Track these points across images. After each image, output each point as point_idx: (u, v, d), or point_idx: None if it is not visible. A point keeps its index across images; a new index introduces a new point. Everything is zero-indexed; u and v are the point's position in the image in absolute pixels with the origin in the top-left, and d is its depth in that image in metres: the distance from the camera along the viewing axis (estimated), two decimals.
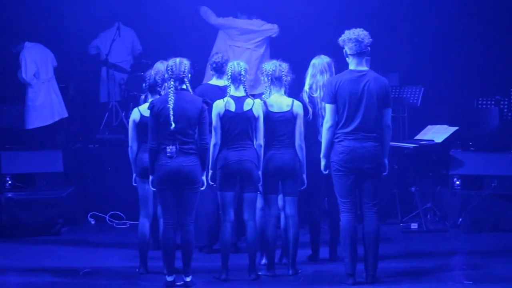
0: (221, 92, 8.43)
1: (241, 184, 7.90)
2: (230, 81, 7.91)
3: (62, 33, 12.26)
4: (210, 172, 7.87)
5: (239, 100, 7.84)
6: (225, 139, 7.82)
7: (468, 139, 10.93)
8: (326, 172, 7.80)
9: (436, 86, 11.99)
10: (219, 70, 8.88)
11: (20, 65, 11.29)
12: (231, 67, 7.93)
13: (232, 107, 7.81)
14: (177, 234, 7.63)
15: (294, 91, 8.29)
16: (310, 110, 8.37)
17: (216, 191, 7.94)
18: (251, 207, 7.92)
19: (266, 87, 8.06)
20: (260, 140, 7.88)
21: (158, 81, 8.12)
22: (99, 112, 12.52)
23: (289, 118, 7.95)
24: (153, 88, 8.18)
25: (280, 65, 8.06)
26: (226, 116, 7.79)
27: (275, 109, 7.96)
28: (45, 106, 11.43)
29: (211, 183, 7.88)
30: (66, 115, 11.70)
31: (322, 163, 7.77)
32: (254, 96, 8.24)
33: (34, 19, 11.99)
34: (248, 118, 7.81)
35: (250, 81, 9.82)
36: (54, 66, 11.68)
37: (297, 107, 8.01)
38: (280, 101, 7.99)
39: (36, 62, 11.37)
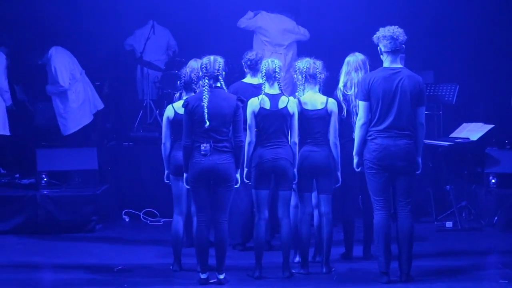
0: (255, 90, 8.45)
1: (276, 182, 7.89)
2: (264, 78, 7.91)
3: (96, 32, 12.31)
4: (245, 170, 7.87)
5: (274, 98, 7.84)
6: (260, 137, 7.82)
7: (504, 137, 10.86)
8: (359, 169, 7.78)
9: (472, 83, 11.91)
10: (253, 68, 8.87)
11: (53, 75, 11.24)
12: (265, 65, 7.92)
13: (267, 105, 7.80)
14: (211, 231, 7.65)
15: (328, 89, 8.27)
16: (344, 107, 8.34)
17: (251, 189, 7.95)
18: (285, 205, 7.92)
19: (300, 84, 8.05)
20: (295, 137, 7.86)
21: (194, 78, 8.12)
22: (134, 110, 12.58)
23: (323, 115, 7.93)
24: (188, 86, 8.19)
25: (314, 63, 8.05)
26: (261, 114, 7.79)
27: (309, 107, 7.95)
28: (85, 103, 11.49)
29: (246, 181, 7.89)
30: (102, 106, 11.73)
31: (355, 160, 7.75)
32: None
33: (66, 18, 12.06)
34: (283, 115, 7.80)
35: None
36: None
37: (332, 104, 7.99)
38: (315, 99, 7.98)
39: (68, 64, 11.35)
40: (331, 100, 8.03)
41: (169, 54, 12.99)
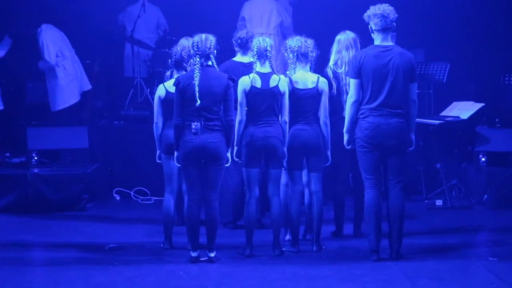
0: (246, 68, 8.44)
1: (266, 161, 7.90)
2: (256, 57, 7.89)
3: (87, 9, 12.26)
4: (235, 148, 7.87)
5: (265, 77, 7.83)
6: (250, 115, 7.81)
7: (494, 116, 10.89)
8: (349, 147, 7.79)
9: (462, 62, 11.92)
10: (244, 47, 8.84)
11: (41, 50, 11.25)
12: (256, 43, 7.90)
13: (258, 84, 7.80)
14: (202, 210, 7.66)
15: (318, 67, 8.25)
16: (334, 85, 8.33)
17: (241, 168, 7.96)
18: (275, 183, 7.93)
19: (291, 63, 8.03)
20: (285, 116, 7.86)
21: (185, 57, 8.12)
22: (124, 88, 12.55)
23: (314, 94, 7.93)
24: (179, 64, 8.18)
25: (305, 41, 8.03)
26: (252, 93, 7.78)
27: (300, 86, 7.94)
28: (74, 81, 11.44)
29: (236, 159, 7.89)
30: (90, 87, 11.69)
31: (345, 138, 7.76)
32: None
33: None
34: (274, 94, 7.80)
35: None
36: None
37: (322, 83, 7.98)
38: (306, 78, 7.97)
39: (57, 41, 11.33)
40: (322, 79, 8.02)
41: (159, 33, 12.94)
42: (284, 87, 7.83)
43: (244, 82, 7.81)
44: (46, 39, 11.17)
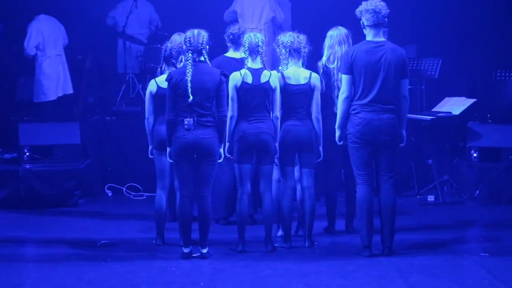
0: (238, 64, 8.43)
1: (258, 156, 7.90)
2: (247, 53, 7.88)
3: (79, 4, 12.24)
4: (227, 144, 7.87)
5: (256, 72, 7.82)
6: (242, 111, 7.81)
7: (486, 111, 10.90)
8: (341, 143, 7.80)
9: (454, 58, 11.93)
10: (236, 42, 8.84)
11: (25, 34, 11.29)
12: (248, 39, 7.89)
13: (249, 79, 7.79)
14: (194, 206, 7.66)
15: (310, 63, 8.25)
16: (323, 81, 8.29)
17: (233, 163, 7.96)
18: (267, 179, 7.93)
19: (283, 59, 8.03)
20: (277, 112, 7.86)
21: (173, 53, 8.12)
22: (116, 84, 12.53)
23: (306, 90, 7.93)
24: (168, 60, 8.18)
25: (298, 37, 8.02)
26: (243, 88, 7.78)
27: (292, 81, 7.93)
28: (52, 80, 11.43)
29: (228, 155, 7.89)
30: (71, 91, 11.67)
31: (337, 134, 7.76)
32: None
33: None
34: (265, 90, 7.80)
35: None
36: (65, 45, 11.62)
37: (315, 79, 7.98)
38: (298, 73, 7.97)
39: (43, 35, 11.33)
40: (314, 75, 8.02)
41: (151, 28, 12.92)
42: (275, 82, 7.83)
43: (235, 78, 7.80)
44: (33, 28, 11.25)
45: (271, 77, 7.82)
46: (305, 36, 8.07)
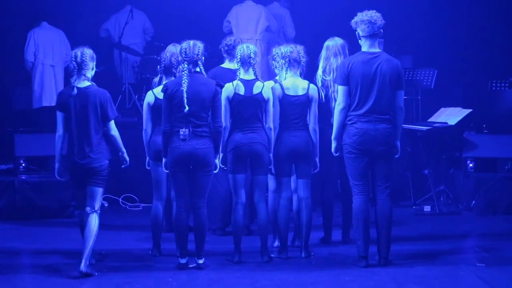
0: (233, 75, 8.42)
1: (252, 167, 7.90)
2: (239, 64, 7.89)
3: (74, 16, 12.27)
4: (221, 155, 7.87)
5: (248, 84, 7.83)
6: (235, 122, 7.81)
7: (482, 122, 10.92)
8: (337, 154, 7.80)
9: (450, 68, 11.96)
10: (231, 53, 8.85)
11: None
12: (240, 50, 7.90)
13: (242, 91, 7.80)
14: (190, 216, 7.66)
15: (306, 73, 8.25)
16: (322, 93, 8.33)
17: (228, 174, 7.96)
18: (261, 190, 7.93)
19: (281, 69, 8.02)
20: (270, 123, 7.86)
21: (174, 63, 8.13)
22: (112, 95, 12.47)
23: (304, 101, 7.93)
24: (169, 70, 8.19)
25: (296, 47, 8.04)
26: (235, 100, 7.79)
27: (291, 92, 7.94)
28: (45, 89, 11.47)
29: (222, 166, 7.88)
30: (53, 103, 11.67)
31: (333, 145, 7.76)
32: None
33: (48, 2, 12.01)
34: (258, 101, 7.80)
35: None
36: (66, 60, 11.61)
37: (313, 90, 7.99)
38: (296, 84, 7.97)
39: (43, 43, 11.36)
40: (312, 86, 8.03)
41: (146, 38, 12.93)
42: (268, 94, 7.84)
43: (228, 89, 7.81)
44: (31, 34, 11.38)
45: (264, 88, 7.83)
46: (302, 46, 8.08)
